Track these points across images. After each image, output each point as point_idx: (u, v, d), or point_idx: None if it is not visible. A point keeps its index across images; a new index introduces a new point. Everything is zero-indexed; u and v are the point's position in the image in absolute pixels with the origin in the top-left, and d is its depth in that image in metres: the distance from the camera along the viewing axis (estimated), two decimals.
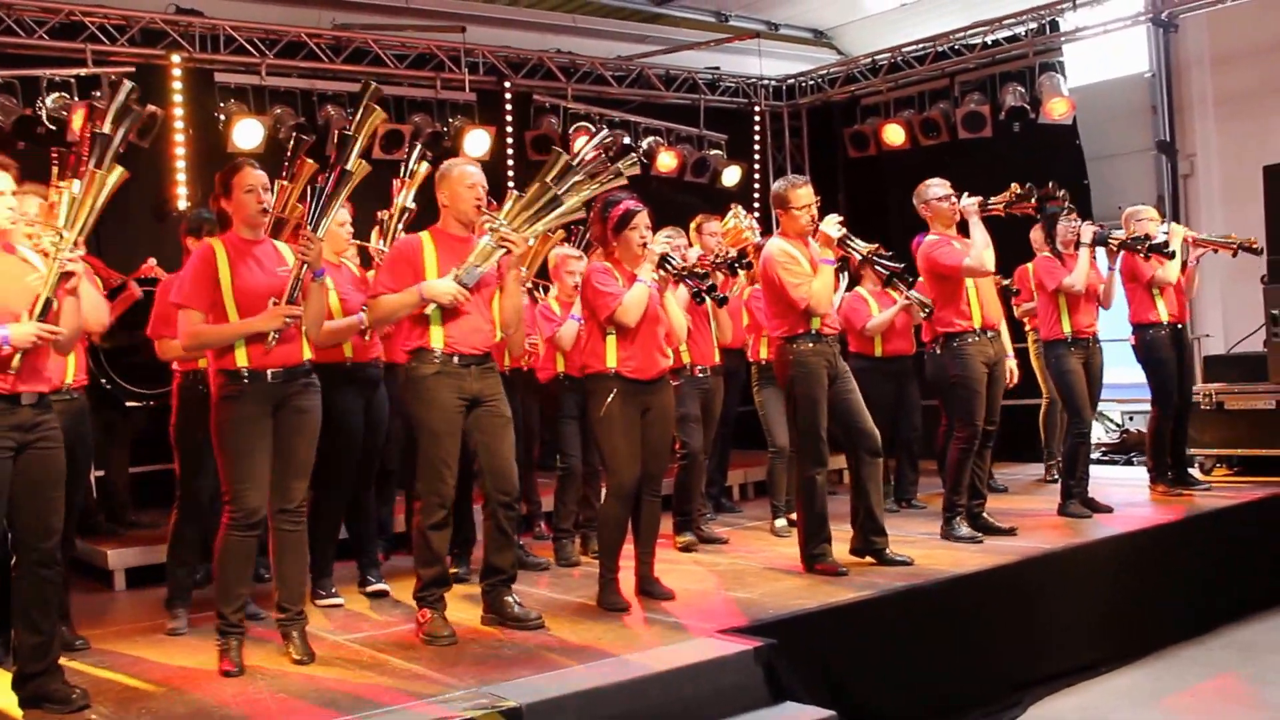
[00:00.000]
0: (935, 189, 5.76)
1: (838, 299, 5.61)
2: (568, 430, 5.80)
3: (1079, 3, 8.68)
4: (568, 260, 5.89)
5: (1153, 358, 6.63)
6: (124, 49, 7.44)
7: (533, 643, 4.18)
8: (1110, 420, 9.83)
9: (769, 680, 3.94)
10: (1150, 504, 6.60)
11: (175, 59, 7.55)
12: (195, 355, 4.45)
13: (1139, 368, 6.77)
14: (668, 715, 3.70)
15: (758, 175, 10.27)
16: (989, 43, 9.32)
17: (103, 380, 5.86)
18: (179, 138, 7.49)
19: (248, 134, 7.50)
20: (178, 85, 7.54)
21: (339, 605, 4.97)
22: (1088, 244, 6.21)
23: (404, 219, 5.35)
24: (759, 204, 9.83)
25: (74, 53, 7.28)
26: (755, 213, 8.90)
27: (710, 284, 4.86)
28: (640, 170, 4.96)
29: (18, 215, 3.60)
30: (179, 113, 7.51)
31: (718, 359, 6.17)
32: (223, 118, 7.64)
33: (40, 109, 7.00)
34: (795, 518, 5.49)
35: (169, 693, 3.81)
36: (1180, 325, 6.75)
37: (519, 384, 5.58)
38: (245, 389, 3.95)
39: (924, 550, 5.39)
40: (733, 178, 9.85)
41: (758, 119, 10.38)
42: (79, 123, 6.59)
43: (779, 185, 5.31)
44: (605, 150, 4.66)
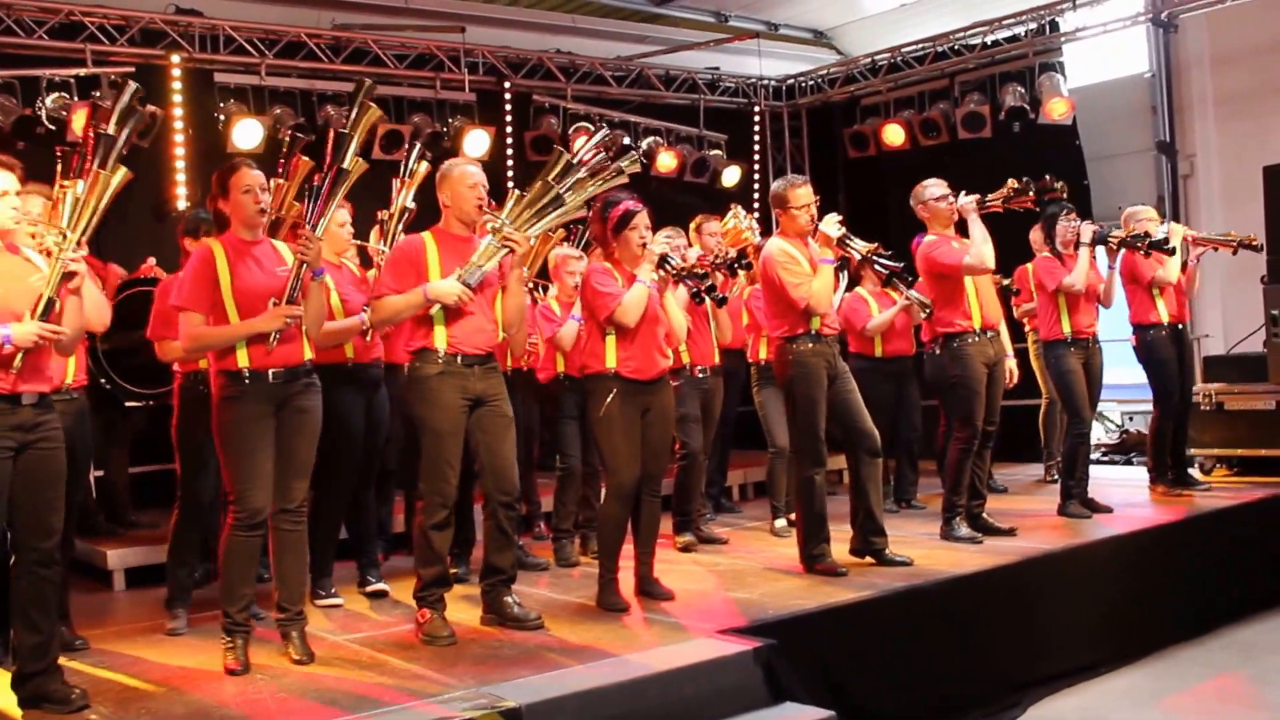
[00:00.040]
0: (932, 189, 5.76)
1: (837, 299, 5.61)
2: (567, 430, 5.80)
3: (1079, 3, 8.68)
4: (568, 260, 5.89)
5: (1154, 358, 6.63)
6: (124, 49, 7.45)
7: (532, 643, 4.18)
8: (1110, 420, 9.83)
9: (768, 681, 3.93)
10: (1150, 504, 6.60)
11: (175, 59, 7.56)
12: (196, 357, 4.45)
13: (1139, 368, 6.77)
14: (667, 715, 3.70)
15: (757, 175, 10.27)
16: (989, 43, 9.32)
17: (102, 380, 5.86)
18: (179, 138, 7.49)
19: (247, 134, 7.51)
20: (177, 85, 7.55)
21: (338, 605, 4.97)
22: (1087, 243, 6.21)
23: (404, 219, 5.35)
24: (759, 204, 9.82)
25: (74, 53, 7.28)
26: (755, 213, 8.89)
27: (710, 284, 4.85)
28: (640, 168, 4.96)
29: (21, 215, 3.60)
30: (179, 113, 7.51)
31: (717, 359, 6.17)
32: (222, 118, 7.65)
33: (40, 109, 7.01)
34: (795, 518, 5.49)
35: (168, 693, 3.81)
36: (1181, 325, 6.75)
37: (519, 384, 5.58)
38: (247, 389, 3.95)
39: (923, 551, 5.39)
40: (732, 178, 9.85)
41: (757, 119, 10.38)
42: (82, 122, 6.58)
43: (778, 185, 5.30)
44: (605, 149, 4.66)
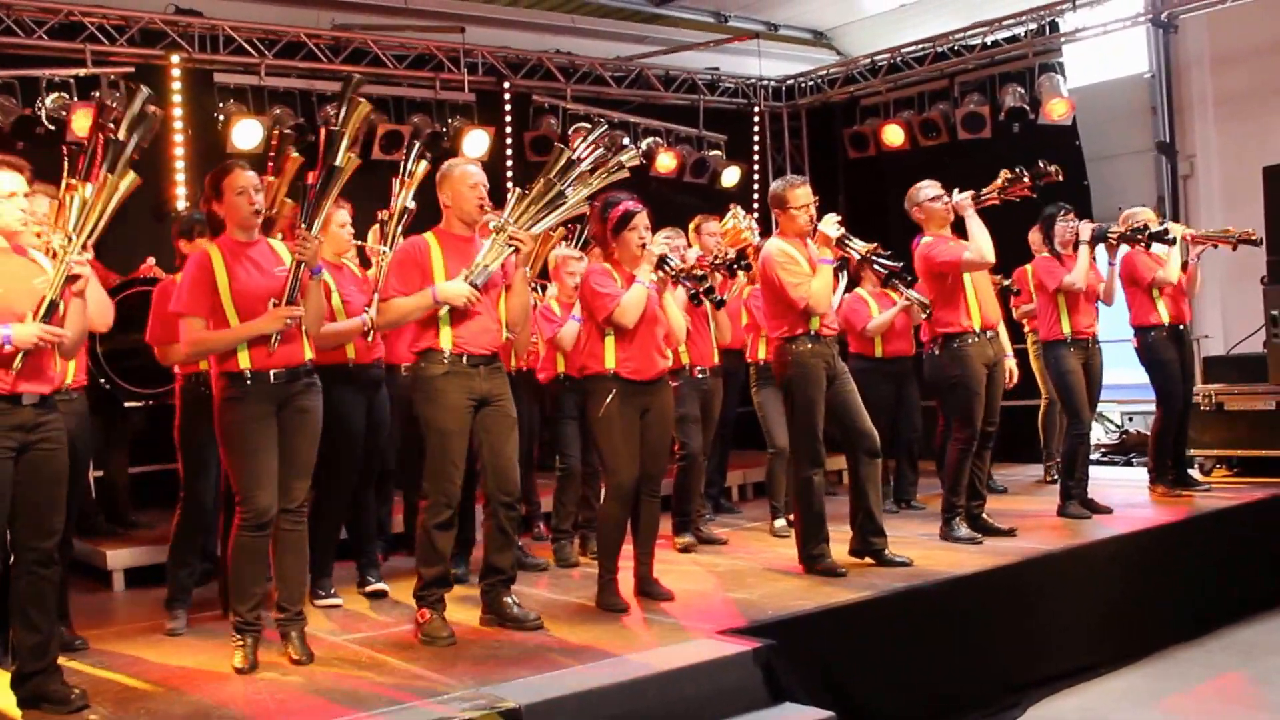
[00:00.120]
0: (926, 190, 5.74)
1: (837, 299, 5.61)
2: (567, 431, 5.80)
3: (1079, 3, 8.68)
4: (568, 261, 5.89)
5: (1155, 359, 6.63)
6: (123, 49, 7.45)
7: (532, 643, 4.18)
8: (1110, 421, 9.83)
9: (768, 681, 3.93)
10: (1150, 505, 6.60)
11: (174, 59, 7.55)
12: (197, 360, 4.45)
13: (1139, 368, 6.78)
14: (667, 716, 3.70)
15: (757, 176, 10.27)
16: (988, 43, 9.33)
17: (102, 380, 5.86)
18: (178, 138, 7.48)
19: (247, 134, 7.51)
20: (177, 85, 7.54)
21: (338, 605, 4.97)
22: (1087, 241, 6.21)
23: (404, 219, 5.35)
24: (758, 205, 9.82)
25: (73, 53, 7.28)
26: (754, 213, 8.89)
27: (708, 286, 4.85)
28: (640, 164, 4.95)
29: (28, 216, 3.61)
30: (178, 113, 7.51)
31: (717, 360, 6.16)
32: (222, 118, 7.65)
33: (40, 109, 7.02)
34: (794, 518, 5.49)
35: (168, 693, 3.81)
36: (1181, 326, 6.75)
37: (519, 384, 5.57)
38: (249, 390, 3.95)
39: (923, 551, 5.39)
40: (732, 178, 9.85)
41: (757, 120, 10.38)
42: (87, 122, 6.57)
43: (777, 185, 5.30)
44: (604, 144, 4.66)
